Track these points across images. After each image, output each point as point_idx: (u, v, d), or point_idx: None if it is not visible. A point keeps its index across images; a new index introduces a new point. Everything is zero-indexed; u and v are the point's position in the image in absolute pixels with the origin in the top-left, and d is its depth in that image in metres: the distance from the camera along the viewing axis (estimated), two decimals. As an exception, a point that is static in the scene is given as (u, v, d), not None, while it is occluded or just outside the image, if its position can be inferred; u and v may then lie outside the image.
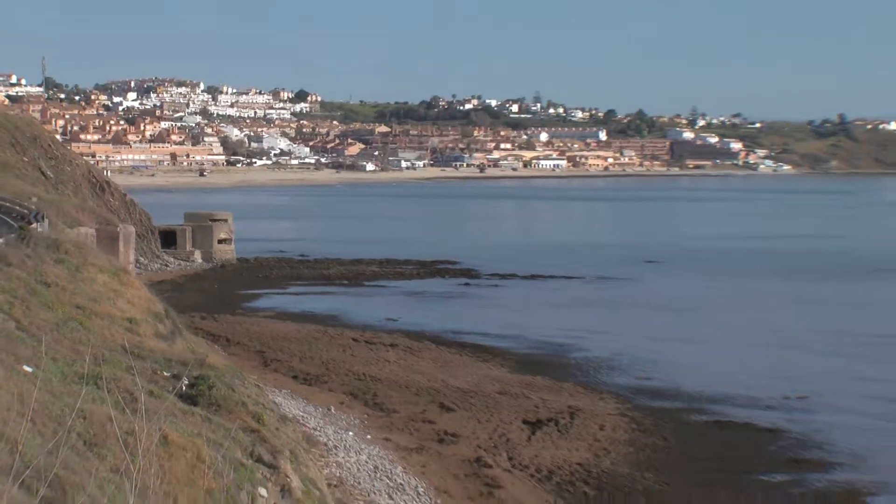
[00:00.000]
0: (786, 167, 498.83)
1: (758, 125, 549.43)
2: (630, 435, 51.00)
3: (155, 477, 23.65)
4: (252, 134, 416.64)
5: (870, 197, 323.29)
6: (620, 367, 67.25)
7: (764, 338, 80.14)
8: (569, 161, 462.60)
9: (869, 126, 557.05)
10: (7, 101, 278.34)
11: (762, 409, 57.38)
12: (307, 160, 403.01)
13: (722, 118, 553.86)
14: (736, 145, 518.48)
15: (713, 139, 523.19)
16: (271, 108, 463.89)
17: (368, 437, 46.55)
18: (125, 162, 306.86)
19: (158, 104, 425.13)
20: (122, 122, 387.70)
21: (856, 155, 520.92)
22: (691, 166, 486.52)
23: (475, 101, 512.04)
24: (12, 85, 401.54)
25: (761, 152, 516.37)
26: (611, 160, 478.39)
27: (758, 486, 44.85)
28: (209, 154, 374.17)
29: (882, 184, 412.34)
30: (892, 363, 70.93)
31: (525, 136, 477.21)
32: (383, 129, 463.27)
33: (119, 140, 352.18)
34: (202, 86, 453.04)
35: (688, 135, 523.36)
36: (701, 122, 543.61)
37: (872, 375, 66.71)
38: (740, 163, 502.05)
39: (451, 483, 40.72)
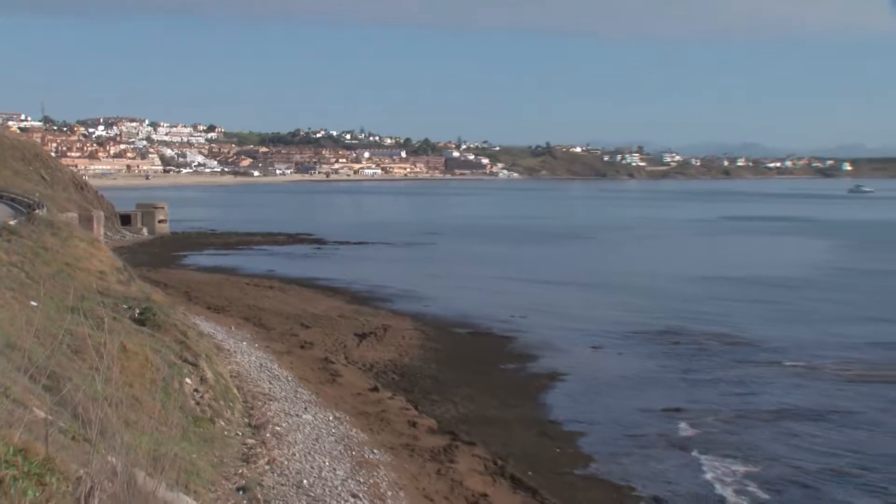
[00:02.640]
0: (515, 175, 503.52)
1: (497, 148, 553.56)
2: (421, 342, 51.32)
3: (117, 372, 23.35)
4: (180, 152, 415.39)
5: (563, 193, 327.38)
6: (415, 299, 67.60)
7: (502, 280, 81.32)
8: (382, 170, 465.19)
9: (564, 149, 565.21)
10: (18, 131, 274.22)
11: (499, 324, 58.02)
12: (216, 169, 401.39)
13: (476, 143, 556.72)
14: (485, 160, 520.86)
15: (471, 156, 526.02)
16: (192, 135, 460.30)
17: (256, 345, 46.36)
18: (97, 171, 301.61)
19: (118, 133, 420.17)
20: (94, 145, 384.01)
21: (556, 168, 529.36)
22: (458, 174, 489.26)
23: (323, 132, 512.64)
24: (22, 120, 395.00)
25: (500, 165, 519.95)
26: (408, 170, 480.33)
27: (498, 371, 45.61)
28: (152, 165, 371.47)
29: (571, 185, 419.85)
30: (574, 296, 72.45)
31: (354, 154, 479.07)
32: (264, 149, 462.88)
33: (93, 156, 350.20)
34: (147, 121, 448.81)
35: (455, 154, 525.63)
36: (463, 146, 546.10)
37: (564, 304, 68.13)
38: (488, 172, 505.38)
39: (309, 373, 40.73)
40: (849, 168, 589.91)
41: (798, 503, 28.93)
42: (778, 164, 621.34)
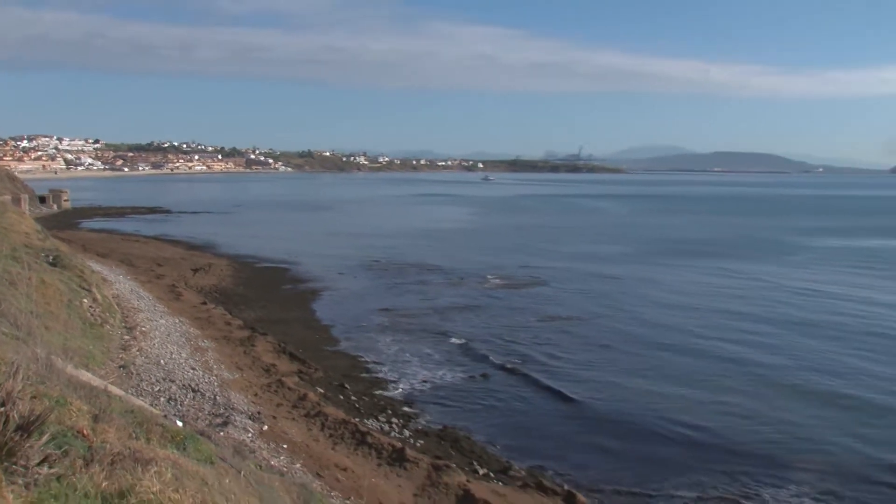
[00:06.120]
0: (289, 169, 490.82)
1: (278, 152, 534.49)
2: (233, 273, 50.11)
3: (38, 296, 22.06)
4: (76, 157, 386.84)
5: (318, 181, 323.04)
6: (228, 246, 65.47)
7: (280, 234, 79.63)
8: (206, 167, 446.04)
9: (319, 153, 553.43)
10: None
11: (280, 261, 57.02)
12: (100, 167, 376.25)
13: (265, 149, 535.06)
14: (271, 160, 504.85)
15: (262, 158, 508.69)
16: (84, 145, 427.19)
17: (128, 278, 44.21)
18: (23, 169, 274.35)
19: (36, 145, 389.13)
20: (21, 152, 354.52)
21: (314, 164, 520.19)
22: (254, 169, 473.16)
23: (168, 143, 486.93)
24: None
25: (280, 163, 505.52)
26: (223, 167, 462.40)
27: (281, 290, 45.11)
28: (59, 166, 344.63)
29: (323, 176, 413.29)
30: (325, 243, 71.59)
31: (189, 157, 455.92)
32: (131, 154, 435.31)
33: (20, 160, 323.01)
34: (55, 137, 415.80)
35: (252, 156, 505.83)
36: (258, 151, 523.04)
37: (319, 247, 67.43)
38: (272, 167, 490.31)
39: (162, 294, 39.24)
40: (481, 165, 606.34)
41: (460, 359, 30.20)
42: (444, 163, 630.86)
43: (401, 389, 26.11)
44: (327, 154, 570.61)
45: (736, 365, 29.53)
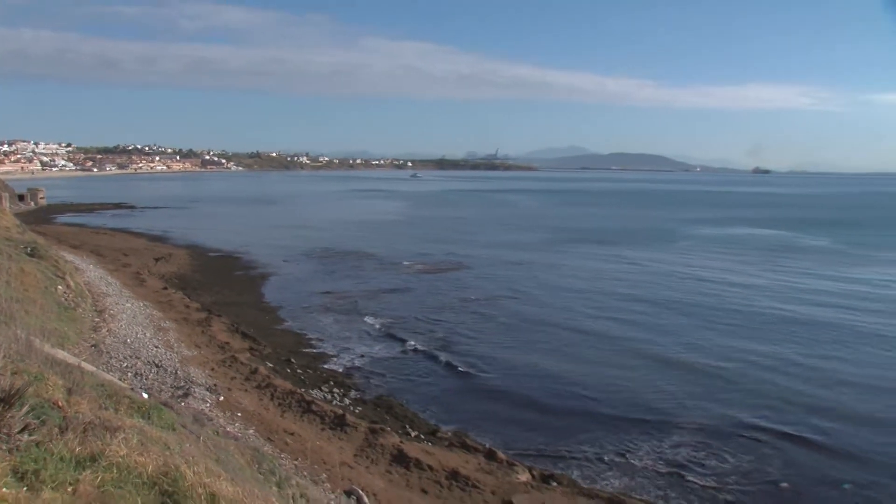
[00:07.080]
0: (240, 168, 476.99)
1: (231, 153, 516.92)
2: (191, 261, 49.19)
3: (18, 283, 21.54)
4: (51, 159, 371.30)
5: (266, 178, 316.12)
6: (186, 237, 64.06)
7: (233, 226, 78.08)
8: (166, 167, 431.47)
9: (266, 154, 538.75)
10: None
11: (237, 250, 56.03)
12: (72, 168, 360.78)
13: (219, 150, 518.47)
14: (224, 160, 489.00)
15: (216, 158, 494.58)
16: (58, 149, 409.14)
17: (98, 267, 42.95)
18: (2, 171, 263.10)
19: (15, 149, 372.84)
20: (2, 156, 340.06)
21: (262, 164, 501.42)
22: (209, 168, 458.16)
23: (133, 146, 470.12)
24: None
25: (232, 163, 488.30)
26: (181, 167, 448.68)
27: (233, 275, 44.46)
28: (36, 167, 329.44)
29: (270, 174, 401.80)
30: (272, 234, 70.33)
31: (150, 158, 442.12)
32: (100, 156, 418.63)
33: (1, 163, 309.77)
34: (32, 141, 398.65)
35: (207, 157, 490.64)
36: (212, 152, 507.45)
37: (267, 238, 66.21)
38: (225, 167, 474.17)
39: (128, 281, 38.34)
40: (411, 164, 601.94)
41: (392, 336, 30.39)
42: (378, 162, 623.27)
43: (341, 363, 26.15)
44: (274, 154, 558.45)
45: (624, 342, 30.27)
